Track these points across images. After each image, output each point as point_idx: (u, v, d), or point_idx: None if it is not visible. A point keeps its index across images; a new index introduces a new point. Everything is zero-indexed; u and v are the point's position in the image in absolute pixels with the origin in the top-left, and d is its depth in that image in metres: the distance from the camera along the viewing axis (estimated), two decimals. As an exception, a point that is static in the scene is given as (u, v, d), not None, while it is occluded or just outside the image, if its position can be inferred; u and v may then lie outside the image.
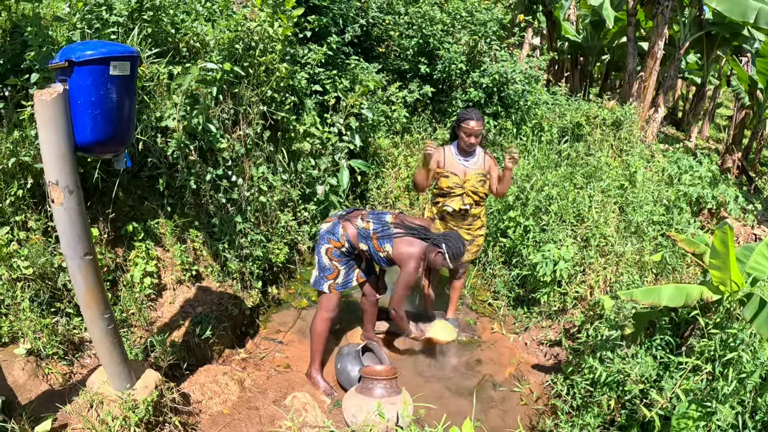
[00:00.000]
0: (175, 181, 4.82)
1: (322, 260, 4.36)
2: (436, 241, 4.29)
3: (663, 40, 10.73)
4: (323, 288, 4.37)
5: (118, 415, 3.22)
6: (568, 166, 7.32)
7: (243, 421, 3.90)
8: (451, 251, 4.25)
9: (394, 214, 4.41)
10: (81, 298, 3.05)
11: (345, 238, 4.29)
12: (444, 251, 4.25)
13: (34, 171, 3.96)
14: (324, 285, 4.37)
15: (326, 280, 4.36)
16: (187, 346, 4.39)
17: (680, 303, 3.82)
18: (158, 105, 4.67)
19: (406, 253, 4.25)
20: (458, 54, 7.97)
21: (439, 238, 4.30)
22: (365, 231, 4.30)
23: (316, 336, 4.46)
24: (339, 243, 4.30)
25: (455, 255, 4.27)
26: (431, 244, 4.30)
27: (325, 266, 4.35)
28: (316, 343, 4.48)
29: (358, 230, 4.30)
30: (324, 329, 4.44)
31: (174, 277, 4.66)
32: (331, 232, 4.31)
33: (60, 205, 2.77)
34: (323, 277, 4.36)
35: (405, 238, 4.28)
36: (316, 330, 4.44)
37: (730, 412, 3.21)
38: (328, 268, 4.34)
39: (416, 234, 4.30)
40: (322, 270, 4.37)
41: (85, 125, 2.73)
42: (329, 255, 4.33)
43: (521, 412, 4.54)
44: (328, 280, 4.35)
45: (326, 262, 4.34)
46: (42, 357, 3.68)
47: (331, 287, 4.36)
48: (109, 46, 2.77)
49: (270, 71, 5.51)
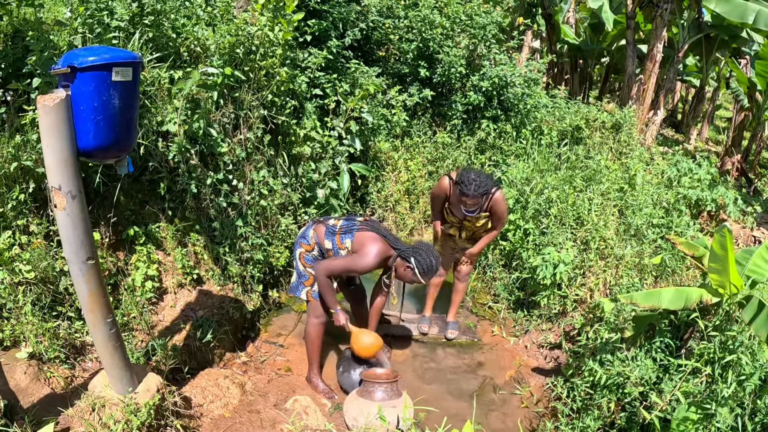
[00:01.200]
0: (176, 185, 4.83)
1: (298, 266, 4.35)
2: (405, 254, 4.08)
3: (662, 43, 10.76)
4: (301, 294, 4.35)
5: (120, 419, 3.24)
6: (567, 169, 7.33)
7: (244, 425, 3.92)
8: (420, 266, 4.03)
9: (366, 217, 4.34)
10: (83, 302, 3.06)
11: (314, 239, 4.25)
12: (413, 266, 4.05)
13: (36, 175, 3.97)
14: (302, 292, 4.35)
15: (303, 287, 4.34)
16: (189, 350, 4.40)
17: (680, 306, 3.84)
18: (159, 109, 4.69)
19: (368, 243, 4.06)
20: (458, 57, 7.99)
21: (408, 251, 4.09)
22: (333, 227, 4.21)
23: (309, 342, 4.46)
24: (309, 246, 4.27)
25: (425, 270, 4.04)
26: (399, 257, 4.12)
27: (301, 272, 4.34)
28: (311, 348, 4.49)
29: (326, 227, 4.23)
30: (316, 334, 4.42)
31: (175, 281, 4.68)
32: (303, 236, 4.31)
33: (63, 209, 2.79)
34: (300, 284, 4.36)
35: (370, 233, 4.12)
36: (309, 335, 4.44)
37: (729, 414, 3.22)
38: (303, 274, 4.33)
39: (385, 237, 4.15)
40: (299, 276, 4.36)
41: (87, 131, 2.74)
42: (302, 261, 4.30)
43: (521, 414, 4.55)
44: (305, 287, 4.34)
45: (301, 269, 4.33)
46: (44, 361, 3.69)
47: (309, 294, 4.32)
48: (111, 51, 2.78)
49: (270, 75, 5.53)
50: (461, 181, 4.39)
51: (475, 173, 4.42)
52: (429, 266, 4.04)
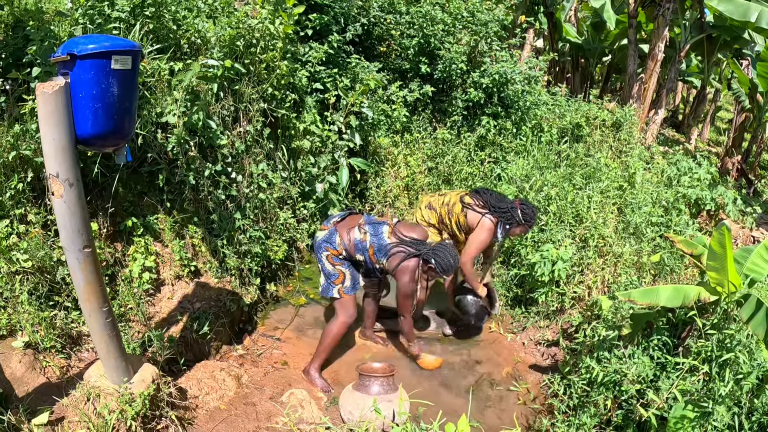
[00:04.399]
0: (174, 176, 4.82)
1: (325, 267, 4.38)
2: (426, 256, 4.31)
3: (664, 43, 10.75)
4: (333, 294, 4.39)
5: (114, 409, 3.23)
6: (567, 166, 7.33)
7: (240, 417, 3.91)
8: (440, 265, 4.29)
9: (390, 225, 4.39)
10: (80, 291, 3.05)
11: (342, 246, 4.33)
12: (434, 266, 4.30)
13: (35, 165, 3.96)
14: (333, 290, 4.38)
15: (334, 286, 4.37)
16: (185, 342, 4.39)
17: (678, 304, 3.83)
18: (159, 101, 4.67)
19: (401, 268, 4.29)
20: (459, 54, 7.97)
21: (429, 253, 4.32)
22: (362, 243, 4.33)
23: (329, 338, 4.48)
24: (336, 251, 4.33)
25: (444, 268, 4.30)
26: (422, 260, 4.34)
27: (330, 272, 4.37)
28: (326, 345, 4.50)
29: (355, 241, 4.33)
30: (339, 334, 4.48)
31: (172, 273, 4.67)
32: (328, 241, 4.34)
33: (60, 197, 2.78)
34: (331, 284, 4.38)
35: (400, 252, 4.31)
36: (332, 332, 4.47)
37: (726, 412, 3.22)
38: (333, 273, 4.36)
39: (411, 248, 4.32)
40: (328, 277, 4.39)
41: (86, 118, 2.74)
42: (330, 261, 4.35)
43: (518, 411, 4.55)
44: (336, 285, 4.37)
45: (330, 269, 4.36)
46: (40, 350, 3.68)
47: (341, 291, 4.37)
48: (111, 40, 2.77)
49: (271, 69, 5.51)
50: (530, 216, 4.87)
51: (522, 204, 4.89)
52: (447, 264, 4.29)
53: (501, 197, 4.98)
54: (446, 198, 5.13)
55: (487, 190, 5.06)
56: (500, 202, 4.88)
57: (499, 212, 4.83)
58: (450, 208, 5.04)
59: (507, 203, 4.86)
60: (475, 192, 5.02)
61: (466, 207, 4.95)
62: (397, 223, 4.47)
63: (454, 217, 5.02)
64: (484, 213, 4.86)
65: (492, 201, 4.88)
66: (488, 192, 5.01)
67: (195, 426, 3.73)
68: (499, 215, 4.83)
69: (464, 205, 4.96)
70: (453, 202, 5.05)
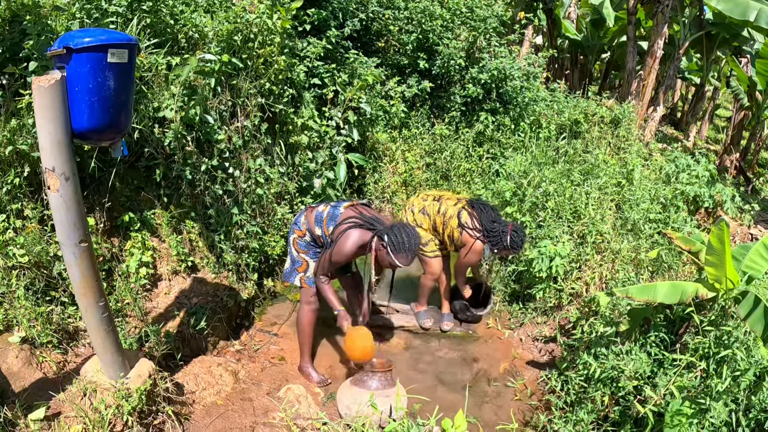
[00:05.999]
0: (171, 171, 4.81)
1: (292, 252, 4.35)
2: (380, 232, 3.92)
3: (663, 40, 10.73)
4: (295, 281, 4.35)
5: (111, 404, 3.22)
6: (565, 162, 7.32)
7: (236, 412, 3.91)
8: (392, 243, 3.84)
9: (353, 202, 4.30)
10: (76, 285, 3.04)
11: (305, 226, 4.26)
12: (385, 243, 3.88)
13: (31, 160, 3.95)
14: (295, 278, 4.35)
15: (297, 273, 4.35)
16: (182, 337, 4.38)
17: (675, 300, 3.82)
18: (156, 95, 4.66)
19: (343, 228, 3.99)
20: (457, 50, 7.96)
21: (384, 230, 3.92)
22: (320, 214, 4.21)
23: (301, 329, 4.46)
24: (301, 232, 4.28)
25: (396, 246, 3.83)
26: (376, 236, 3.96)
27: (295, 258, 4.34)
28: (303, 336, 4.49)
29: (315, 214, 4.23)
30: (308, 321, 4.42)
31: (169, 268, 4.66)
32: (296, 222, 4.31)
33: (56, 191, 2.77)
34: (294, 270, 4.36)
35: (349, 220, 4.03)
36: (301, 323, 4.45)
37: (723, 409, 3.22)
38: (297, 260, 4.33)
39: (365, 220, 4.03)
40: (293, 262, 4.36)
41: (82, 112, 2.73)
42: (296, 246, 4.31)
43: (515, 407, 4.55)
44: (299, 273, 4.34)
45: (295, 255, 4.33)
46: (36, 345, 3.67)
47: (302, 280, 4.33)
48: (107, 33, 2.76)
49: (268, 64, 5.50)
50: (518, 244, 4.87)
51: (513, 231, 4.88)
52: (402, 245, 3.84)
53: (495, 217, 4.98)
54: (443, 207, 5.08)
55: (484, 205, 5.03)
56: (493, 223, 4.90)
57: (488, 235, 4.88)
58: (446, 220, 5.03)
59: (499, 226, 4.87)
60: (472, 206, 5.02)
61: (462, 227, 4.96)
62: (361, 205, 4.25)
63: (449, 229, 5.02)
64: (478, 237, 4.92)
65: (485, 223, 4.90)
66: (485, 209, 4.99)
67: (192, 421, 3.73)
68: (488, 239, 4.88)
69: (461, 225, 4.96)
70: (450, 215, 5.02)
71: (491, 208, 5.06)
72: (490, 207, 5.07)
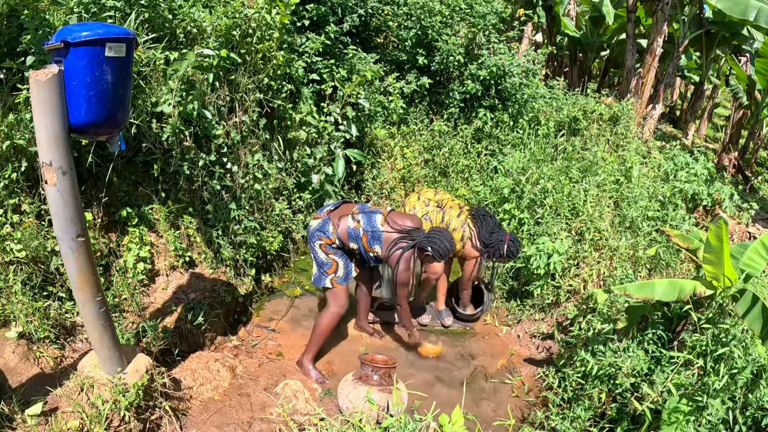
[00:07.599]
0: (169, 167, 4.79)
1: (318, 257, 4.37)
2: (422, 243, 4.34)
3: (662, 38, 10.71)
4: (326, 283, 4.39)
5: (108, 399, 3.22)
6: (564, 159, 7.31)
7: (234, 408, 3.90)
8: (436, 252, 4.32)
9: (384, 213, 4.39)
10: (73, 280, 3.03)
11: (335, 235, 4.31)
12: (431, 253, 4.32)
13: (29, 154, 3.94)
14: (326, 280, 4.38)
15: (327, 275, 4.37)
16: (179, 333, 4.38)
17: (673, 298, 3.83)
18: (154, 90, 4.64)
19: (395, 255, 4.28)
20: (456, 46, 7.94)
21: (425, 240, 4.34)
22: (356, 231, 4.32)
23: (320, 329, 4.48)
24: (330, 240, 4.32)
25: (441, 253, 4.33)
26: (418, 248, 4.35)
27: (323, 261, 4.36)
28: (318, 336, 4.50)
29: (348, 230, 4.32)
30: (330, 324, 4.48)
31: (167, 263, 4.65)
32: (321, 230, 4.33)
33: (53, 186, 2.75)
34: (324, 273, 4.38)
35: (400, 244, 4.31)
36: (322, 323, 4.46)
37: (721, 407, 3.22)
38: (326, 263, 4.36)
39: (405, 236, 4.33)
40: (320, 266, 4.38)
41: (79, 106, 2.71)
42: (324, 250, 4.34)
43: (512, 403, 4.56)
44: (329, 275, 4.37)
45: (323, 258, 4.35)
46: (33, 340, 3.67)
47: (333, 281, 4.38)
48: (105, 27, 2.74)
49: (267, 59, 5.48)
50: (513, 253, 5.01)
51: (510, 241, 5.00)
52: (443, 249, 4.34)
53: (494, 227, 5.09)
54: (446, 217, 5.19)
55: (485, 215, 5.16)
56: (491, 234, 5.02)
57: (486, 247, 5.03)
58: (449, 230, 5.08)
59: (497, 237, 4.99)
60: (474, 218, 5.14)
61: (466, 239, 5.11)
62: (390, 212, 4.47)
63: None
64: (480, 250, 5.09)
65: (484, 236, 5.04)
66: (485, 219, 5.12)
67: (189, 417, 3.73)
68: (486, 248, 5.03)
69: (464, 238, 5.11)
70: (454, 227, 5.13)
71: (491, 216, 5.18)
72: (490, 216, 5.18)
